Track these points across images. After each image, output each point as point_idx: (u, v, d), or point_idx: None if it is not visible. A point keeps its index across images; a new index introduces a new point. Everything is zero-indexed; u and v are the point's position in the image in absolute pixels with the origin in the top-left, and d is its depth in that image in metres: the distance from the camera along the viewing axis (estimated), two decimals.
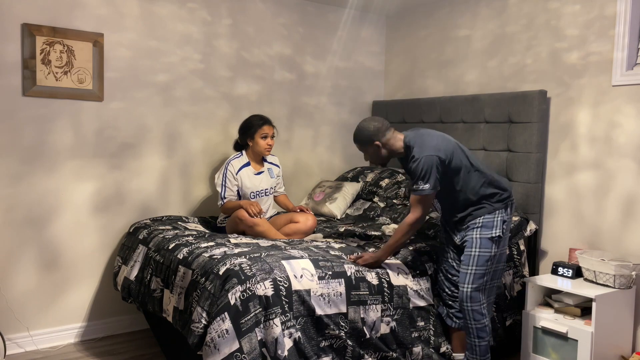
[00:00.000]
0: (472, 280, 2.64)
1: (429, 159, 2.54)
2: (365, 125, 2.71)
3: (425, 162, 2.54)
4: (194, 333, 2.32)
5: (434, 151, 2.57)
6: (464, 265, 2.67)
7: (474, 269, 2.64)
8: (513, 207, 2.76)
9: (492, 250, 2.65)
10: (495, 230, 2.65)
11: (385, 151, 2.70)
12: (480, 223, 2.66)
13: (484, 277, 2.65)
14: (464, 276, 2.66)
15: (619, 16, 3.05)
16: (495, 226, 2.66)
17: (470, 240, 2.67)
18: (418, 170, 2.55)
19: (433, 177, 2.54)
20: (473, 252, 2.65)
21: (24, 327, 3.22)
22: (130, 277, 3.01)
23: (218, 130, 3.84)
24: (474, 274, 2.64)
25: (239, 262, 2.43)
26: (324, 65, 4.30)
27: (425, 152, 2.56)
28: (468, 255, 2.66)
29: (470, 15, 3.89)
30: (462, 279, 2.67)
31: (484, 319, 2.65)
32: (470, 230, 2.69)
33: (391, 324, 2.61)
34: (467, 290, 2.64)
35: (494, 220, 2.66)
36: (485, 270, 2.65)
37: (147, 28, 3.50)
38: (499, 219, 2.67)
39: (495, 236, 2.65)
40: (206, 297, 2.35)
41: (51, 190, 3.26)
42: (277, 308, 2.33)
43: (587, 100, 3.21)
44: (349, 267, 2.59)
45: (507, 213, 2.71)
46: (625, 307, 2.92)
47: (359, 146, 2.75)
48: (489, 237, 2.65)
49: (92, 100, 3.35)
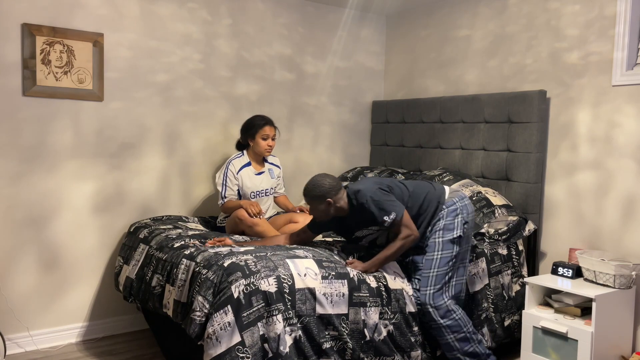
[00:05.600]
0: (434, 282, 2.69)
1: (373, 192, 2.66)
2: (320, 181, 2.71)
3: (373, 198, 2.64)
4: (195, 322, 2.32)
5: (373, 185, 2.71)
6: (425, 269, 2.72)
7: (435, 272, 2.70)
8: (470, 207, 2.81)
9: (453, 250, 2.72)
10: (456, 231, 2.73)
11: (334, 209, 2.73)
12: (442, 225, 2.74)
13: (445, 276, 2.70)
14: (426, 280, 2.70)
15: (619, 16, 3.05)
16: (456, 227, 2.73)
17: (432, 244, 2.74)
18: (374, 207, 2.63)
19: (390, 202, 2.64)
20: (435, 255, 2.71)
21: (24, 327, 3.22)
22: (132, 276, 3.01)
23: (218, 130, 3.84)
24: (435, 276, 2.69)
25: (244, 258, 2.45)
26: (324, 65, 4.30)
27: (367, 191, 2.67)
28: (430, 259, 2.72)
29: (470, 15, 3.89)
30: (422, 283, 2.70)
31: (452, 314, 2.68)
32: (432, 235, 2.75)
33: (389, 327, 2.62)
34: (429, 292, 2.68)
35: (454, 222, 2.74)
36: (446, 271, 2.71)
37: (147, 28, 3.51)
38: (459, 220, 2.75)
39: (456, 237, 2.72)
40: (208, 286, 2.36)
41: (51, 190, 3.26)
42: (279, 305, 2.34)
43: (587, 100, 3.22)
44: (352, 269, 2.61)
45: (467, 213, 2.77)
46: (625, 307, 2.92)
47: (308, 200, 2.74)
48: (449, 239, 2.72)
49: (92, 100, 3.35)
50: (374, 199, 2.64)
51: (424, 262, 2.73)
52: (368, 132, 4.60)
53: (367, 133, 4.60)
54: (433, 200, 2.79)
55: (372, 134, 4.57)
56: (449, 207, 2.77)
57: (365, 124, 4.58)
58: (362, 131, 4.57)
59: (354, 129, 4.51)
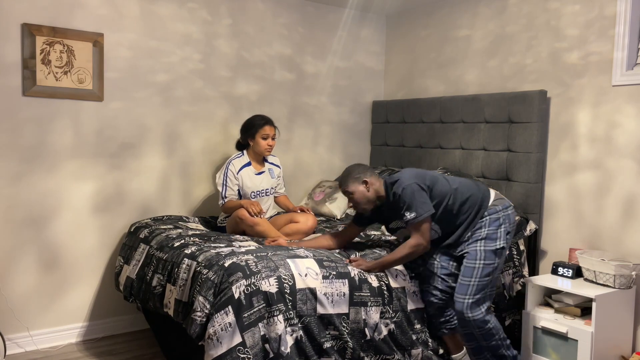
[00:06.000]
0: (474, 292, 2.62)
1: (411, 187, 2.61)
2: (352, 167, 2.79)
3: (408, 191, 2.60)
4: (196, 322, 2.33)
5: (414, 179, 2.65)
6: (464, 277, 2.64)
7: (476, 281, 2.62)
8: (513, 217, 2.75)
9: (495, 261, 2.65)
10: (499, 242, 2.65)
11: (373, 192, 2.73)
12: (485, 234, 2.66)
13: (485, 288, 2.64)
14: (465, 287, 2.63)
15: (619, 16, 3.05)
16: (499, 237, 2.66)
17: (474, 253, 2.65)
18: (404, 200, 2.61)
19: (421, 202, 2.59)
20: (477, 264, 2.63)
21: (24, 327, 3.22)
22: (132, 276, 3.01)
23: (218, 130, 3.84)
24: (476, 286, 2.62)
25: (245, 259, 2.45)
26: (324, 65, 4.30)
27: (405, 183, 2.63)
28: (471, 267, 2.64)
29: (470, 15, 3.89)
30: (461, 290, 2.64)
31: (487, 324, 2.63)
32: (473, 242, 2.67)
33: (390, 326, 2.62)
34: (467, 301, 2.61)
35: (497, 232, 2.66)
36: (487, 282, 2.64)
37: (147, 28, 3.50)
38: (503, 230, 2.67)
39: (499, 248, 2.65)
40: (209, 286, 2.36)
41: (51, 190, 3.26)
42: (280, 305, 2.34)
43: (587, 100, 3.22)
44: (353, 268, 2.61)
45: (509, 223, 2.70)
46: (625, 307, 2.92)
47: (345, 188, 2.76)
48: (492, 249, 2.64)
49: (92, 100, 3.35)
50: (406, 192, 2.60)
51: (464, 269, 2.66)
52: (368, 132, 4.60)
53: (367, 133, 4.60)
54: (476, 203, 2.70)
55: (372, 134, 4.57)
56: (491, 216, 2.69)
57: (365, 124, 4.58)
58: (362, 131, 4.57)
59: (354, 129, 4.51)
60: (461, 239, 2.71)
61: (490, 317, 2.66)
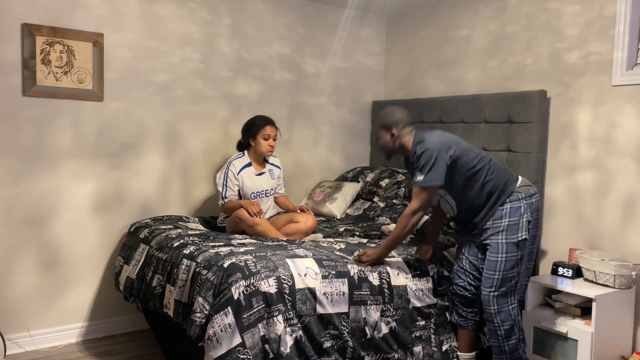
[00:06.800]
0: (499, 285, 2.58)
1: (431, 151, 2.52)
2: (392, 111, 2.71)
3: (427, 155, 2.52)
4: (195, 323, 2.32)
5: (438, 145, 2.54)
6: (488, 270, 2.60)
7: (500, 275, 2.57)
8: (536, 205, 2.65)
9: (518, 254, 2.58)
10: (521, 233, 2.57)
11: (398, 144, 2.69)
12: (506, 225, 2.58)
13: (511, 280, 2.59)
14: (489, 280, 2.59)
15: (619, 16, 3.05)
16: (521, 228, 2.57)
17: (495, 245, 2.58)
18: (420, 162, 2.53)
19: (433, 170, 2.50)
20: (499, 258, 2.57)
21: (24, 327, 3.22)
22: (132, 276, 3.01)
23: (218, 130, 3.84)
24: (500, 279, 2.58)
25: (244, 259, 2.45)
26: (324, 65, 4.30)
27: (428, 146, 2.54)
28: (494, 260, 2.58)
29: (470, 15, 3.89)
30: (486, 283, 2.60)
31: (510, 320, 2.60)
32: (494, 234, 2.60)
33: (391, 324, 2.62)
34: (493, 294, 2.58)
35: (519, 223, 2.57)
36: (513, 274, 2.59)
37: (147, 28, 3.50)
38: (524, 221, 2.58)
39: (522, 239, 2.57)
40: (208, 287, 2.36)
41: (51, 190, 3.26)
42: (280, 305, 2.34)
43: (587, 100, 3.22)
44: (352, 267, 2.60)
45: (531, 212, 2.61)
46: (625, 307, 2.92)
47: (376, 126, 2.76)
48: (514, 241, 2.57)
49: (92, 100, 3.35)
50: (425, 155, 2.51)
51: (487, 262, 2.60)
52: (368, 132, 4.60)
53: (367, 133, 4.59)
54: (498, 186, 2.59)
55: (372, 134, 4.57)
56: (513, 203, 2.58)
57: (365, 124, 4.58)
58: (362, 131, 4.57)
59: (353, 129, 4.51)
60: (481, 224, 2.63)
61: (515, 313, 2.62)
